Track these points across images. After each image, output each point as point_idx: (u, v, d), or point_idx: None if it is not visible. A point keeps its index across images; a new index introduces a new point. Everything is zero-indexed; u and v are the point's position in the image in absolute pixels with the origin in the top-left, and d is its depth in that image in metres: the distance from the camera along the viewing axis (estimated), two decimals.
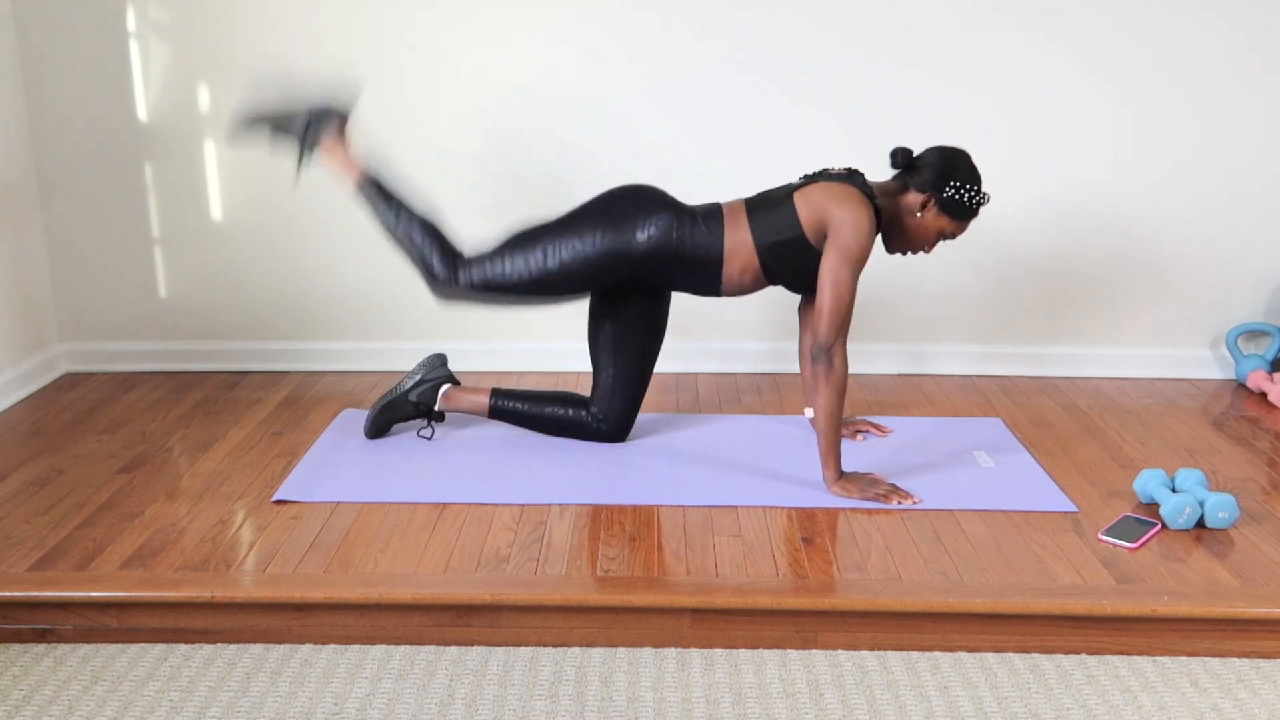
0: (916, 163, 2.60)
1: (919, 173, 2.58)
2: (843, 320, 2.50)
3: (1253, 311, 3.49)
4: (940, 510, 2.48)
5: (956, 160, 2.58)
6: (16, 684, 1.96)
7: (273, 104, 2.72)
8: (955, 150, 2.60)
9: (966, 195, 2.56)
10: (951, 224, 2.61)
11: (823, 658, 2.05)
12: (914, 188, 2.59)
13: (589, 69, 3.31)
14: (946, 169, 2.56)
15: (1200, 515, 2.39)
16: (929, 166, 2.57)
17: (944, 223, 2.60)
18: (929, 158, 2.59)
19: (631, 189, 2.69)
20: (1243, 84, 3.30)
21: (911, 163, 2.61)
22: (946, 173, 2.56)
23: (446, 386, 2.87)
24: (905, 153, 2.61)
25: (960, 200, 2.56)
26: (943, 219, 2.60)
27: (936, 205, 2.58)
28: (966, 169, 2.57)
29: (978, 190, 2.57)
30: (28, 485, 2.60)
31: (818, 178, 2.61)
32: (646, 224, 2.60)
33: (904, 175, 2.62)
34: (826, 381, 2.50)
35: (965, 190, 2.56)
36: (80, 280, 3.47)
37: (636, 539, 2.33)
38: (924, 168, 2.58)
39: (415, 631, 2.10)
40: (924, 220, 2.60)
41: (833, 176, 2.60)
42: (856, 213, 2.50)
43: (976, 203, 2.58)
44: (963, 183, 2.56)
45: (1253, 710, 1.91)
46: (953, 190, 2.55)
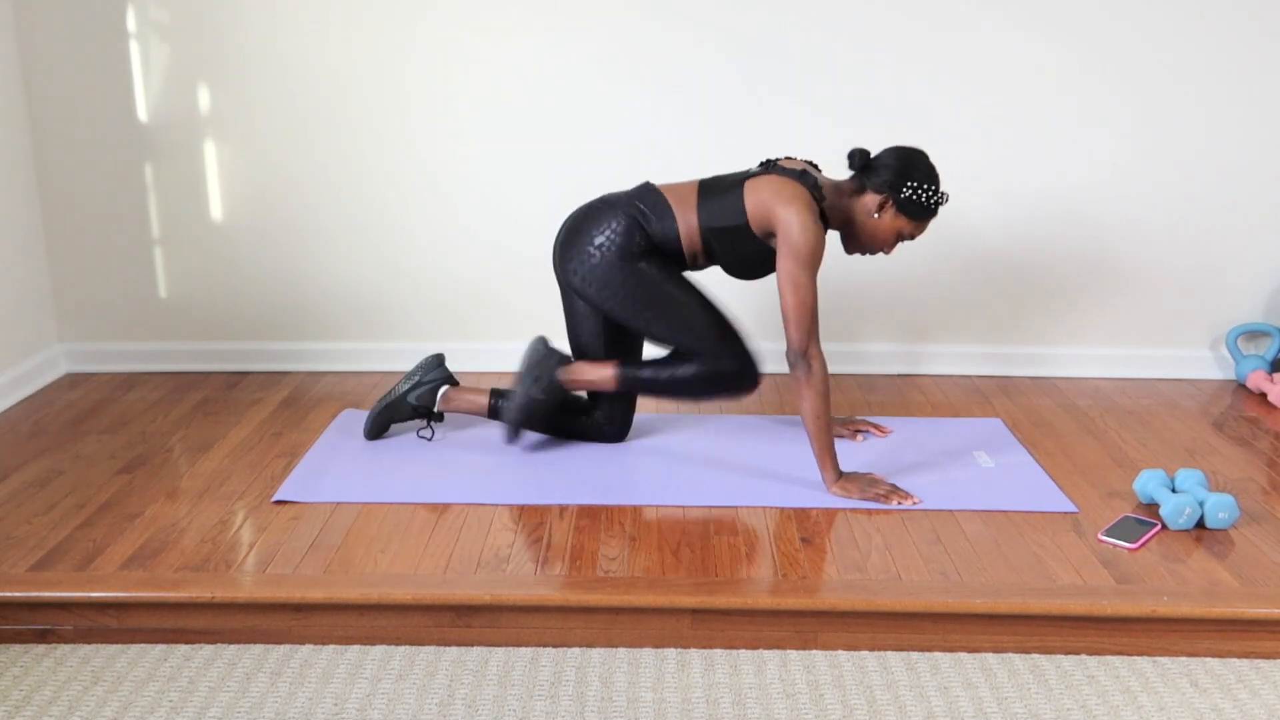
0: (874, 163, 2.60)
1: (876, 173, 2.58)
2: (810, 322, 2.50)
3: (1252, 312, 3.49)
4: (940, 510, 2.48)
5: (914, 160, 2.57)
6: (16, 684, 1.96)
7: (522, 395, 2.74)
8: (913, 150, 2.60)
9: (924, 195, 2.56)
10: (910, 224, 2.60)
11: (823, 658, 2.05)
12: (871, 189, 2.58)
13: (587, 67, 3.31)
14: (904, 169, 2.55)
15: (1200, 516, 2.39)
16: (886, 167, 2.57)
17: (902, 223, 2.60)
18: (886, 158, 2.59)
19: (563, 238, 2.72)
20: (1243, 84, 3.30)
21: (869, 163, 2.61)
22: (904, 173, 2.55)
23: (445, 387, 2.87)
24: (862, 154, 2.60)
25: (917, 200, 2.56)
26: (900, 219, 2.60)
27: (894, 206, 2.58)
28: (924, 169, 2.57)
29: (935, 190, 2.57)
30: (28, 485, 2.60)
31: (771, 168, 2.62)
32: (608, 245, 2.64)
33: (861, 176, 2.61)
34: (808, 385, 2.50)
35: (923, 190, 2.55)
36: (80, 280, 3.47)
37: (636, 539, 2.33)
38: (881, 168, 2.58)
39: (415, 632, 2.10)
40: (881, 221, 2.60)
41: (785, 171, 2.60)
42: (802, 215, 2.50)
43: (934, 202, 2.58)
44: (920, 182, 2.55)
45: (1252, 710, 1.91)
46: (910, 190, 2.55)
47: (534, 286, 3.43)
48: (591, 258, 2.65)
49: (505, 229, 3.44)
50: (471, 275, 3.48)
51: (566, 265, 2.70)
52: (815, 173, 2.69)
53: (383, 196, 3.41)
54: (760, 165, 2.68)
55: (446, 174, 3.40)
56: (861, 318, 3.47)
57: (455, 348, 3.45)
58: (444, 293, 3.49)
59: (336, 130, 3.35)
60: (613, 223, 2.65)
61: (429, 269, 3.46)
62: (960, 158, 3.30)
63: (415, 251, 3.46)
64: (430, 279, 3.48)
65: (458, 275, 3.48)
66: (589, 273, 2.66)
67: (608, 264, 2.64)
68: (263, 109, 3.34)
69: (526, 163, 3.39)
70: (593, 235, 2.66)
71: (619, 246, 2.64)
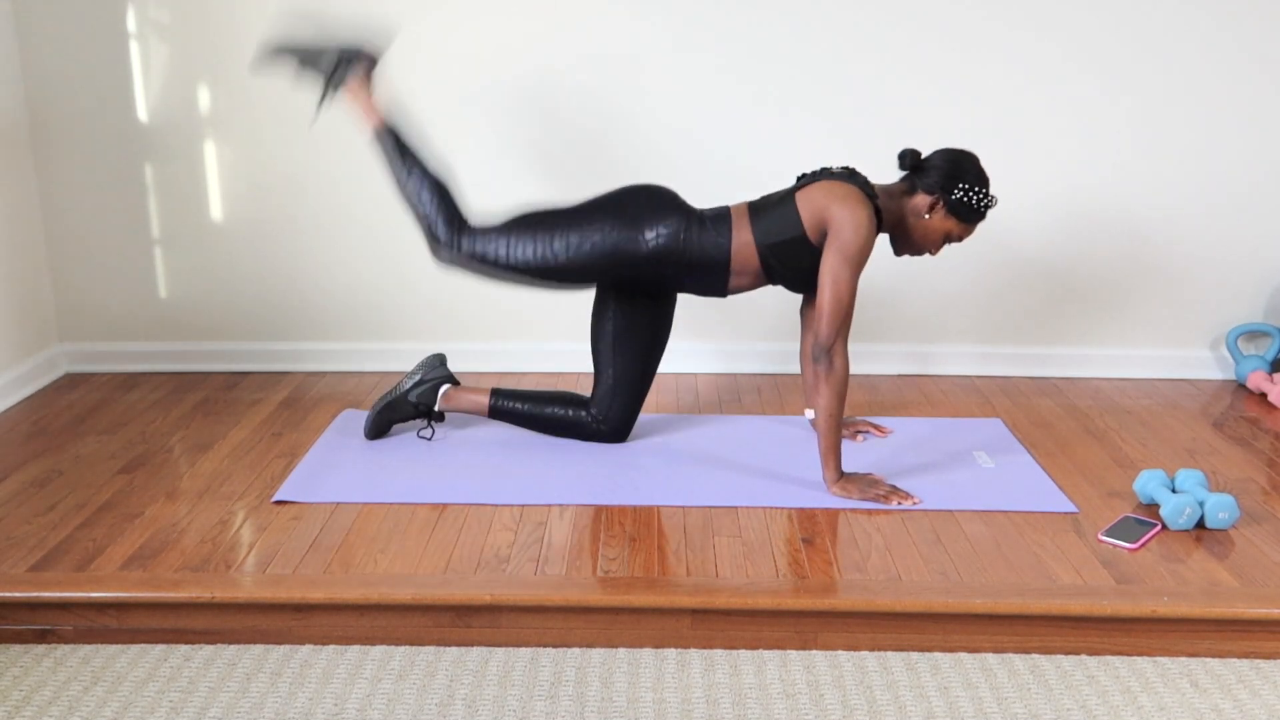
0: (924, 164, 2.60)
1: (927, 174, 2.58)
2: (843, 320, 2.50)
3: (1253, 312, 3.49)
4: (940, 511, 2.48)
5: (964, 162, 2.58)
6: (16, 684, 1.96)
7: (304, 38, 2.70)
8: (963, 152, 2.60)
9: (974, 197, 2.56)
10: (959, 226, 2.61)
11: (823, 658, 2.05)
12: (922, 189, 2.59)
13: (589, 68, 3.31)
14: (954, 171, 2.56)
15: (1200, 516, 2.39)
16: (936, 168, 2.57)
17: (951, 225, 2.61)
18: (936, 159, 2.59)
19: (646, 189, 2.68)
20: (1243, 85, 3.30)
21: (919, 164, 2.61)
22: (954, 174, 2.56)
23: (446, 387, 2.87)
24: (913, 154, 2.61)
25: (968, 202, 2.56)
26: (950, 221, 2.60)
27: (944, 207, 2.58)
28: (974, 171, 2.58)
29: (985, 193, 2.57)
30: (28, 486, 2.60)
31: (818, 176, 2.61)
32: (656, 225, 2.60)
33: (912, 177, 2.62)
34: (827, 381, 2.50)
35: (973, 192, 2.56)
36: (80, 280, 3.47)
37: (637, 539, 2.33)
38: (932, 169, 2.58)
39: (415, 632, 2.10)
40: (931, 222, 2.60)
41: (834, 175, 2.60)
42: (857, 212, 2.50)
43: (984, 205, 2.58)
44: (971, 185, 2.56)
45: (1252, 711, 1.91)
46: (961, 192, 2.55)
47: None
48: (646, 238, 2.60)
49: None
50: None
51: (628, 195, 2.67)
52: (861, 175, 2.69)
53: (383, 196, 3.41)
54: (798, 179, 2.66)
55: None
56: (862, 318, 3.47)
57: (455, 348, 3.45)
58: (444, 293, 3.49)
59: (336, 130, 3.35)
60: (661, 226, 2.60)
61: (429, 269, 3.46)
62: None
63: (415, 251, 3.45)
64: (430, 279, 3.47)
65: (458, 275, 3.48)
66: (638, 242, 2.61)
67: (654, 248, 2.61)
68: (263, 109, 3.34)
69: (526, 162, 3.39)
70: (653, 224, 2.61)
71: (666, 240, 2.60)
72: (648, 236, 2.60)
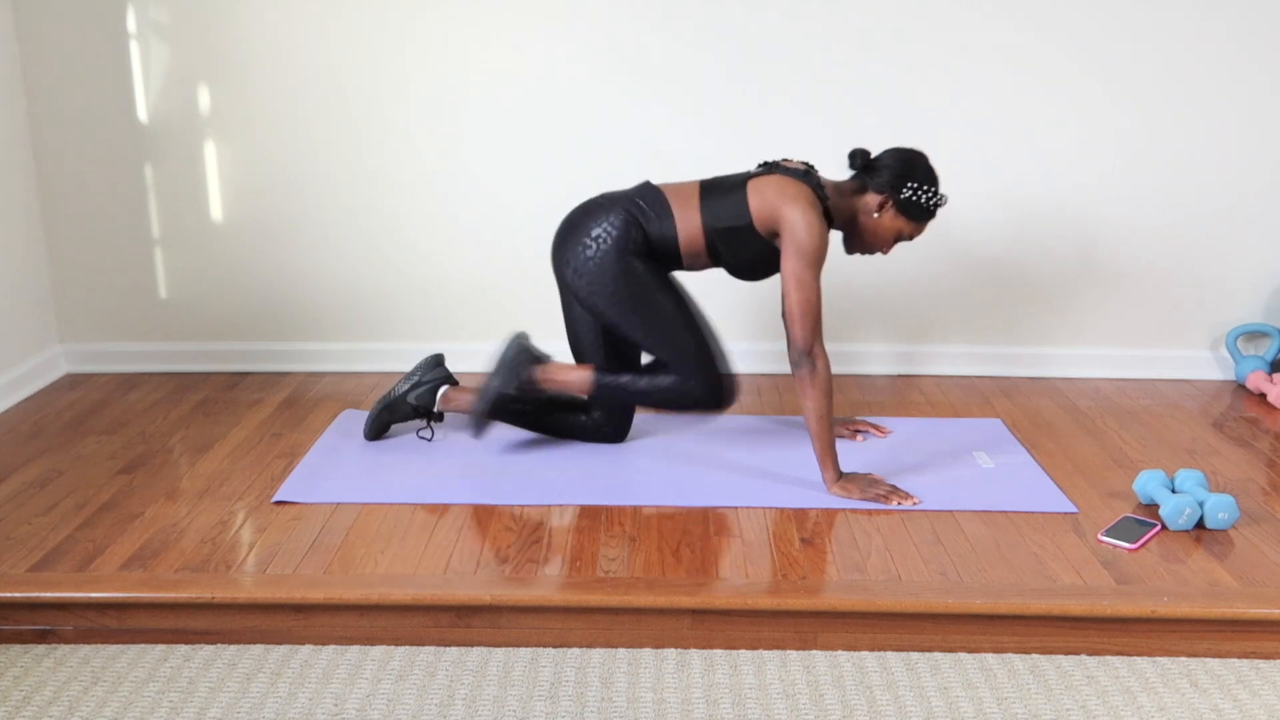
0: (874, 164, 2.61)
1: (877, 174, 2.59)
2: (815, 321, 2.50)
3: (1252, 312, 3.49)
4: (940, 511, 2.48)
5: (914, 161, 2.58)
6: (17, 685, 1.96)
7: (488, 399, 2.73)
8: (913, 152, 2.61)
9: (924, 196, 2.57)
10: (909, 225, 2.62)
11: (823, 658, 2.06)
12: (872, 189, 2.59)
13: (586, 68, 3.31)
14: (904, 170, 2.57)
15: (1200, 516, 2.39)
16: (887, 168, 2.58)
17: (901, 224, 2.61)
18: (887, 159, 2.60)
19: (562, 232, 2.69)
20: (1243, 84, 3.30)
21: (870, 164, 2.61)
22: (904, 174, 2.56)
23: (445, 387, 2.87)
24: (863, 154, 2.62)
25: (917, 201, 2.57)
26: (900, 220, 2.60)
27: (894, 206, 2.59)
28: (924, 170, 2.58)
29: (935, 192, 2.58)
30: (28, 486, 2.60)
31: (773, 169, 2.62)
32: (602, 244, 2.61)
33: (862, 176, 2.62)
34: (811, 384, 2.50)
35: (922, 191, 2.56)
36: (80, 280, 3.47)
37: (636, 540, 2.33)
38: (882, 169, 2.59)
39: (415, 632, 2.10)
40: (881, 221, 2.60)
41: (788, 171, 2.60)
42: (807, 214, 2.50)
43: (934, 204, 2.59)
44: (920, 184, 2.56)
45: (1252, 711, 1.92)
46: (910, 191, 2.56)
47: (534, 286, 3.43)
48: (587, 249, 2.63)
49: (505, 229, 3.44)
50: (471, 275, 3.48)
51: (562, 259, 2.69)
52: (815, 173, 2.70)
53: (383, 197, 3.42)
54: (760, 166, 2.68)
55: (446, 174, 3.40)
56: (861, 318, 3.48)
57: (455, 348, 3.45)
58: (444, 293, 3.49)
59: (336, 130, 3.35)
60: (610, 218, 2.64)
61: (429, 269, 3.47)
62: (961, 159, 3.30)
63: (415, 252, 3.46)
64: (430, 279, 3.48)
65: (457, 275, 3.48)
66: (581, 265, 2.64)
67: (601, 257, 2.62)
68: (263, 109, 3.34)
69: (527, 163, 3.39)
70: (589, 228, 2.64)
71: (615, 240, 2.62)
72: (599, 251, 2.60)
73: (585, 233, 2.65)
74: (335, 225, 3.44)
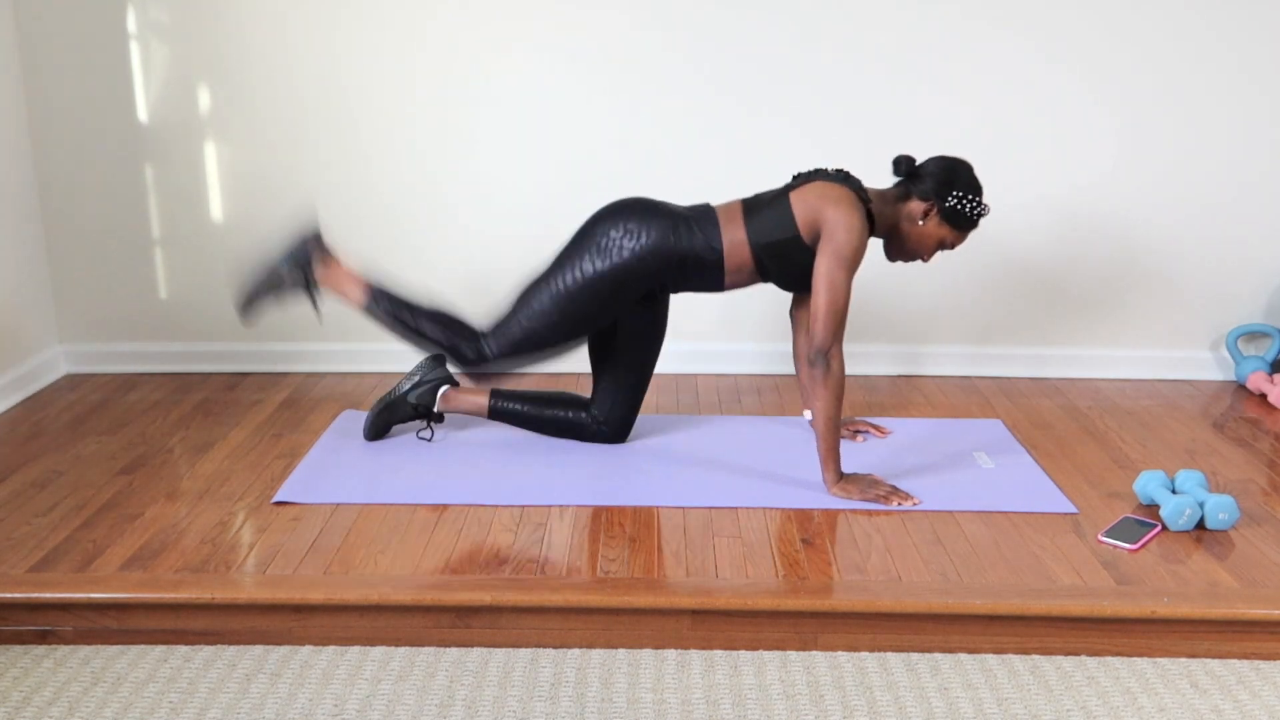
0: (919, 171, 2.61)
1: (921, 181, 2.59)
2: (839, 322, 2.50)
3: (1253, 312, 3.49)
4: (940, 511, 2.48)
5: (959, 170, 2.58)
6: (17, 685, 1.96)
7: (256, 275, 2.72)
8: (958, 160, 2.61)
9: (968, 205, 2.57)
10: (952, 233, 2.61)
11: (823, 659, 2.06)
12: (916, 195, 2.59)
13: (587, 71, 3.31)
14: (949, 178, 2.57)
15: (1200, 516, 2.39)
16: (931, 175, 2.58)
17: (945, 232, 2.61)
18: (931, 166, 2.60)
19: (615, 209, 2.66)
20: (1244, 84, 3.30)
21: (914, 171, 2.61)
22: (949, 182, 2.56)
23: (445, 387, 2.87)
24: (908, 160, 2.61)
25: (961, 210, 2.57)
26: (944, 228, 2.60)
27: (938, 214, 2.58)
28: (968, 179, 2.58)
29: (979, 201, 2.58)
30: (28, 486, 2.60)
31: (812, 177, 2.61)
32: (639, 241, 2.59)
33: (906, 183, 2.62)
34: (824, 384, 2.50)
35: (967, 200, 2.56)
36: (80, 281, 3.47)
37: (636, 540, 2.33)
38: (926, 176, 2.58)
39: (415, 633, 2.10)
40: (925, 228, 2.60)
41: (828, 176, 2.60)
42: (850, 215, 2.50)
43: (977, 213, 2.59)
44: (964, 193, 2.56)
45: (1253, 712, 1.92)
46: (955, 200, 2.56)
47: None
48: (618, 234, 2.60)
49: (505, 229, 3.44)
50: (471, 276, 3.48)
51: (599, 218, 2.65)
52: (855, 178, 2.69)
53: (382, 197, 3.42)
54: (794, 178, 2.66)
55: (447, 174, 3.40)
56: (862, 319, 3.48)
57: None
58: (444, 293, 3.49)
59: (336, 130, 3.35)
60: (642, 234, 2.60)
61: (429, 269, 3.46)
62: None
63: (415, 252, 3.46)
64: (430, 279, 3.47)
65: (458, 275, 3.48)
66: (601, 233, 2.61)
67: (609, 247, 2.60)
68: (263, 109, 3.34)
69: (527, 163, 3.39)
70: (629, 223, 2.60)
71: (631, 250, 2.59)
72: (635, 253, 2.59)
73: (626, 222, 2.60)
74: (335, 225, 3.43)
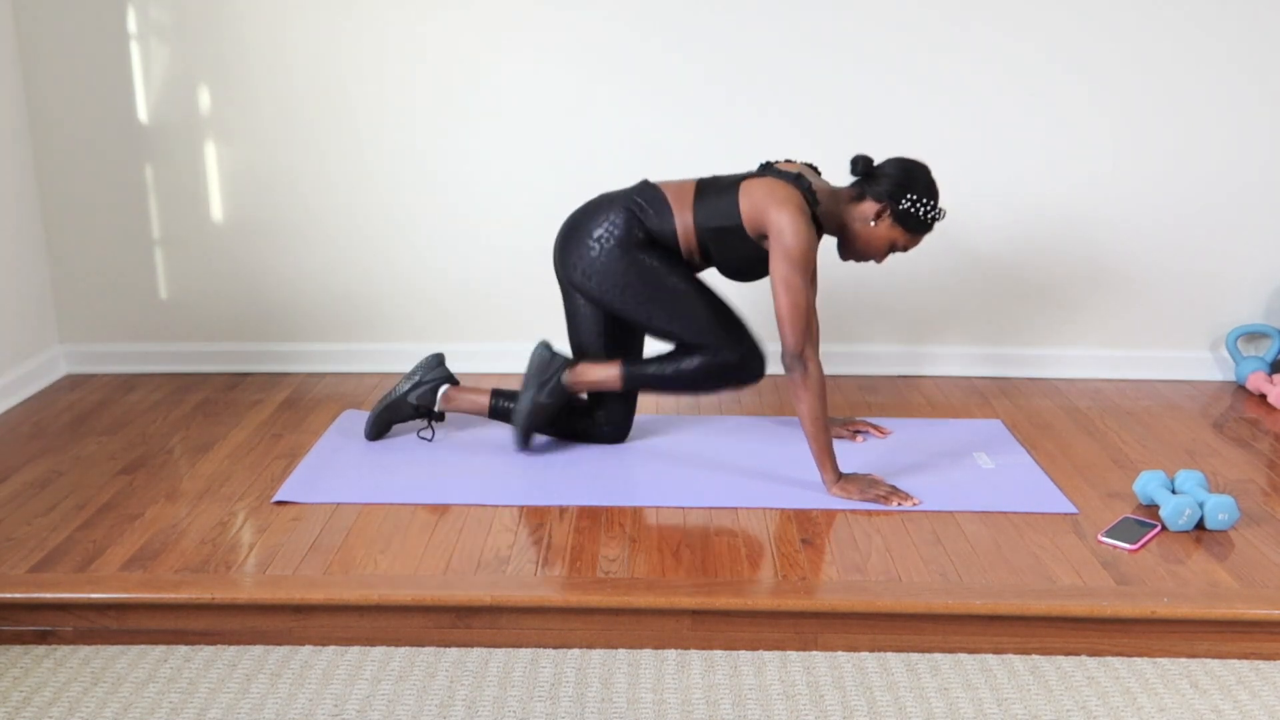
0: (876, 172, 2.59)
1: (877, 182, 2.58)
2: (804, 324, 2.50)
3: (1252, 313, 3.49)
4: (940, 511, 2.48)
5: (915, 173, 2.57)
6: (17, 685, 1.96)
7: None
8: (915, 163, 2.60)
9: (921, 209, 2.56)
10: (904, 236, 2.60)
11: (823, 659, 2.06)
12: (870, 197, 2.58)
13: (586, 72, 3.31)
14: (905, 181, 2.56)
15: (1200, 517, 2.39)
16: (887, 177, 2.57)
17: (897, 234, 2.60)
18: (889, 168, 2.59)
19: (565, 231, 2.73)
20: (1242, 84, 3.30)
21: (871, 171, 2.60)
22: (904, 184, 2.55)
23: (445, 387, 2.87)
24: (866, 161, 2.60)
25: (914, 214, 2.56)
26: (896, 230, 2.59)
27: (891, 216, 2.57)
28: (924, 183, 2.57)
29: (933, 205, 2.57)
30: (28, 487, 2.60)
31: (767, 170, 2.63)
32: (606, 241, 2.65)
33: (862, 183, 2.61)
34: (804, 387, 2.50)
35: (920, 204, 2.55)
36: (80, 281, 3.47)
37: (636, 540, 2.33)
38: (883, 177, 2.57)
39: (415, 633, 2.10)
40: (876, 230, 2.60)
41: (781, 174, 2.60)
42: (794, 218, 2.50)
43: (931, 218, 2.58)
44: (919, 196, 2.55)
45: (1252, 712, 1.92)
46: (909, 203, 2.55)
47: (534, 286, 3.43)
48: (591, 250, 2.65)
49: (505, 229, 3.44)
50: (471, 275, 3.48)
51: (567, 261, 2.70)
52: (813, 176, 2.69)
53: (382, 197, 3.42)
54: (760, 167, 2.68)
55: (447, 174, 3.40)
56: (861, 319, 3.48)
57: (455, 348, 3.45)
58: (444, 293, 3.49)
59: (336, 130, 3.35)
60: (611, 215, 2.66)
61: (429, 269, 3.47)
62: (960, 160, 3.31)
63: (415, 252, 3.46)
64: (430, 279, 3.48)
65: (458, 276, 3.48)
66: (589, 266, 2.66)
67: (608, 255, 2.64)
68: (263, 109, 3.34)
69: (527, 163, 3.39)
70: (591, 229, 2.67)
71: (618, 238, 2.64)
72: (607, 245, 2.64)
73: (588, 234, 2.66)
74: (336, 225, 3.44)
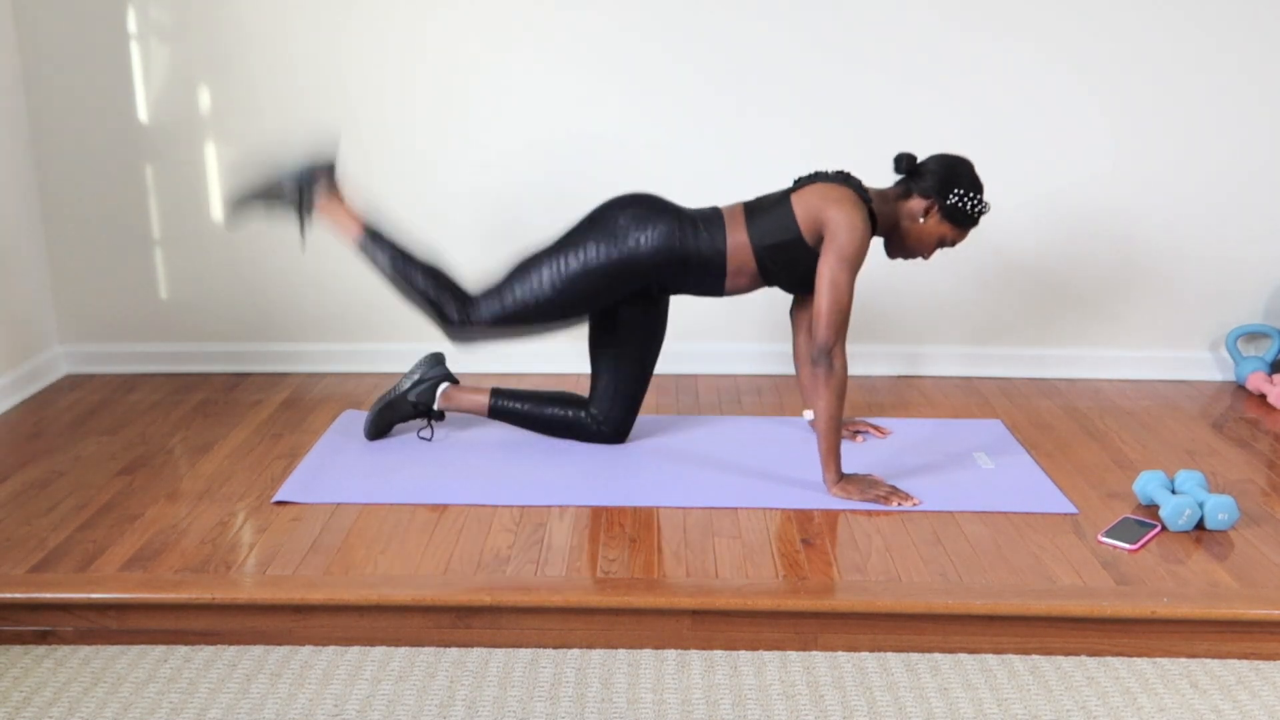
0: (920, 169, 2.61)
1: (922, 178, 2.59)
2: (842, 322, 2.50)
3: (1252, 313, 3.49)
4: (940, 512, 2.48)
5: (960, 168, 2.58)
6: (17, 685, 1.96)
7: (257, 179, 2.72)
8: (959, 158, 2.61)
9: (968, 203, 2.57)
10: (952, 231, 2.62)
11: (823, 659, 2.06)
12: (917, 193, 2.59)
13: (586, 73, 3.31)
14: (950, 176, 2.57)
15: (1200, 517, 2.39)
16: (932, 173, 2.58)
17: (945, 229, 2.61)
18: (932, 164, 2.60)
19: (627, 199, 2.67)
20: (1243, 84, 3.30)
21: (915, 168, 2.61)
22: (950, 179, 2.57)
23: (445, 385, 2.87)
24: (909, 158, 2.61)
25: (962, 208, 2.57)
26: (944, 226, 2.61)
27: (939, 212, 2.59)
28: (969, 177, 2.58)
29: (979, 199, 2.58)
30: (28, 487, 2.60)
31: (813, 179, 2.62)
32: (645, 232, 2.60)
33: (907, 181, 2.62)
34: (827, 384, 2.51)
35: (967, 198, 2.57)
36: (80, 281, 3.47)
37: (636, 540, 2.33)
38: (927, 174, 2.59)
39: (415, 633, 2.10)
40: (925, 226, 2.61)
41: (827, 178, 2.60)
42: (852, 215, 2.51)
43: (978, 211, 2.59)
44: (965, 190, 2.56)
45: (1252, 712, 1.92)
46: (955, 198, 2.56)
47: None
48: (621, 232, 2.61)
49: (505, 229, 3.44)
50: (472, 275, 3.47)
51: (610, 212, 2.65)
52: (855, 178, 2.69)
53: (383, 197, 3.41)
54: (795, 181, 2.66)
55: (447, 174, 3.40)
56: (862, 319, 3.48)
57: (455, 348, 3.45)
58: None
59: (337, 130, 3.35)
60: (660, 227, 2.60)
61: None
62: None
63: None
64: None
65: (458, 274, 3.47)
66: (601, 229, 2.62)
67: (609, 251, 2.61)
68: (263, 109, 3.34)
69: (528, 164, 3.39)
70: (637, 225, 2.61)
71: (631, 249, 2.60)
72: (642, 245, 2.60)
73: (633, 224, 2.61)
74: None
